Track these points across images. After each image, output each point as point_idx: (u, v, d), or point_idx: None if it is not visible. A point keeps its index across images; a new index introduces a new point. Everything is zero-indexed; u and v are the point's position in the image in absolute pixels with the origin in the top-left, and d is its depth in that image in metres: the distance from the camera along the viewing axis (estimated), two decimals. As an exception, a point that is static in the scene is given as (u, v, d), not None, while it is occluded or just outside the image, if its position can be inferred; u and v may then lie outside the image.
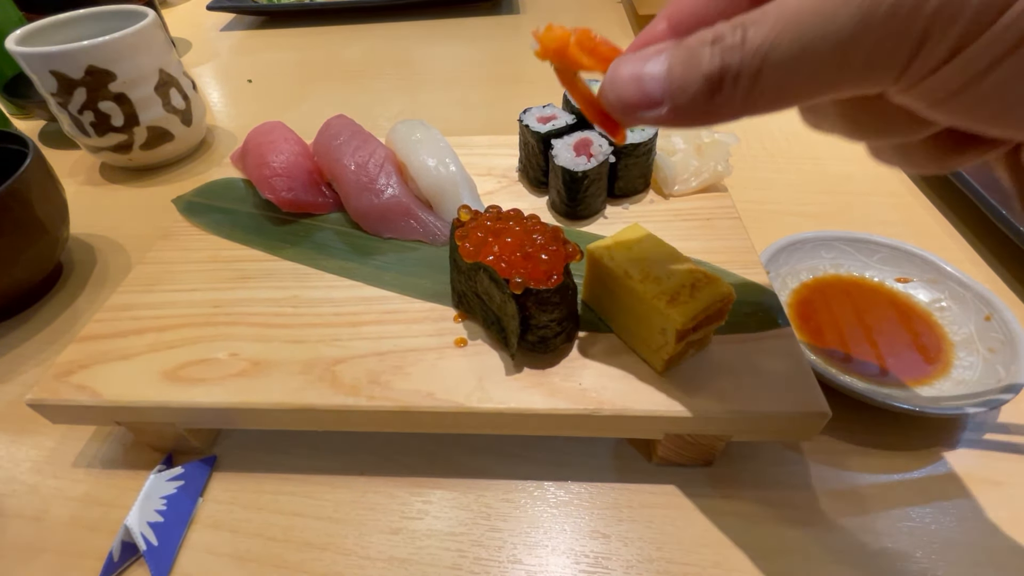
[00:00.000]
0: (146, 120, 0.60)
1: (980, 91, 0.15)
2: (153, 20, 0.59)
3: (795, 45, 0.16)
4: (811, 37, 0.16)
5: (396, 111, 0.77)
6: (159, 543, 0.32)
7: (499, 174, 0.50)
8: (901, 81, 0.16)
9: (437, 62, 0.89)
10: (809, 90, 0.17)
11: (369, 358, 0.34)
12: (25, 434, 0.40)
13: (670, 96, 0.19)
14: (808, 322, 0.41)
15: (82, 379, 0.34)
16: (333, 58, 0.93)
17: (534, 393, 0.32)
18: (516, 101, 0.75)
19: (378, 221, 0.43)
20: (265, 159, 0.46)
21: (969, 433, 0.37)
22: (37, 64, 0.54)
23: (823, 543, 0.32)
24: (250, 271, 0.41)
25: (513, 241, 0.33)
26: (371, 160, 0.45)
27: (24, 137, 0.48)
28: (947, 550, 0.32)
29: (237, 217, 0.46)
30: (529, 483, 0.36)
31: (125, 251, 0.56)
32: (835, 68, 0.16)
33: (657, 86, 0.19)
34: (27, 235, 0.45)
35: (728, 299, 0.30)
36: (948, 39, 0.14)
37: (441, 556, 0.32)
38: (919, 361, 0.39)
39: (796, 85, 0.17)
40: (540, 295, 0.31)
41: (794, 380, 0.31)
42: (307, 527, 0.34)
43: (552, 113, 0.47)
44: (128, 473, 0.37)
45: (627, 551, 0.32)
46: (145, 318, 0.38)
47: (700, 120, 0.19)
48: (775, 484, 0.35)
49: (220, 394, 0.33)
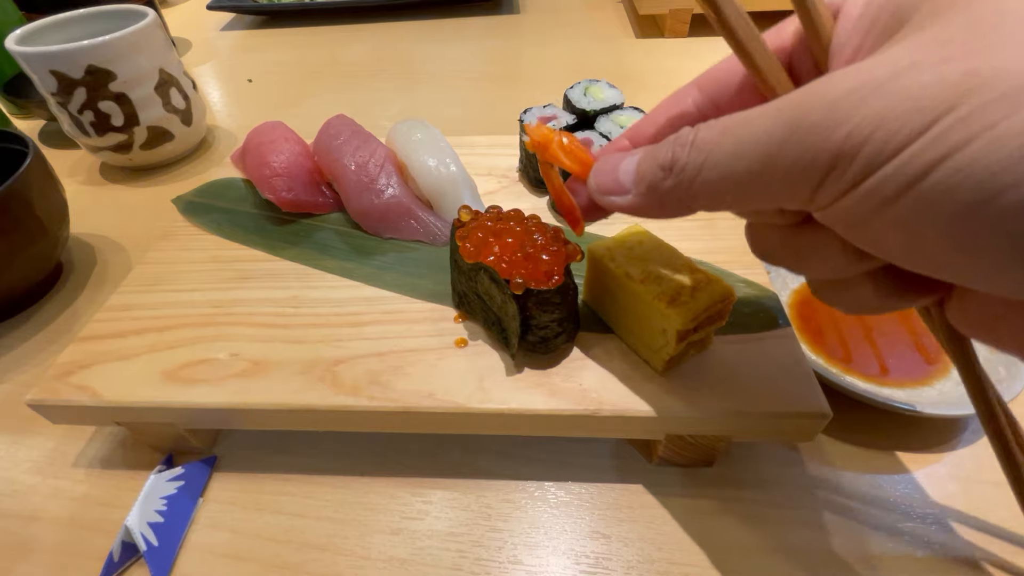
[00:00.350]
0: (146, 120, 0.60)
1: (882, 223, 0.16)
2: (153, 20, 0.59)
3: (732, 148, 0.18)
4: (746, 143, 0.18)
5: (396, 111, 0.77)
6: (159, 543, 0.32)
7: (500, 174, 0.50)
8: (815, 200, 0.17)
9: (437, 62, 0.89)
10: (742, 190, 0.19)
11: (369, 358, 0.34)
12: (25, 434, 0.40)
13: (634, 184, 0.23)
14: (809, 322, 0.41)
15: (82, 379, 0.34)
16: (333, 58, 0.93)
17: (534, 394, 0.32)
18: (516, 101, 0.75)
19: (378, 221, 0.43)
20: (265, 159, 0.46)
21: (969, 434, 0.37)
22: (37, 64, 0.54)
23: (824, 543, 0.32)
24: (250, 271, 0.41)
25: (514, 241, 0.33)
26: (371, 160, 0.45)
27: (24, 137, 0.48)
28: (947, 550, 0.32)
29: (237, 217, 0.46)
30: (530, 483, 0.36)
31: (125, 251, 0.56)
32: (762, 174, 0.18)
33: (627, 177, 0.23)
34: (27, 235, 0.45)
35: (729, 299, 0.30)
36: (852, 168, 0.16)
37: (441, 556, 0.32)
38: (920, 362, 0.39)
39: (730, 184, 0.19)
40: (541, 295, 0.31)
41: (795, 380, 0.31)
42: (307, 527, 0.34)
43: (552, 113, 0.47)
44: (128, 473, 0.37)
45: (628, 551, 0.32)
46: (145, 318, 0.38)
47: (655, 208, 0.22)
48: (776, 484, 0.35)
49: (220, 394, 0.33)
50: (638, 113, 0.45)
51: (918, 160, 0.14)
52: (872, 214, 0.16)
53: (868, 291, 0.20)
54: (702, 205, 0.21)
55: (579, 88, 0.48)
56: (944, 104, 0.14)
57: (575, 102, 0.46)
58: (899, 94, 0.15)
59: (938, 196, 0.14)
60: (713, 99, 0.25)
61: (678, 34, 0.89)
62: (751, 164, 0.18)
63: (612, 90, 0.48)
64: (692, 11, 0.86)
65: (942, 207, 0.14)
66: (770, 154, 0.17)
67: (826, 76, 0.17)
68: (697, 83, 0.26)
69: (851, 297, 0.21)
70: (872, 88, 0.15)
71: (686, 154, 0.20)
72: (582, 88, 0.48)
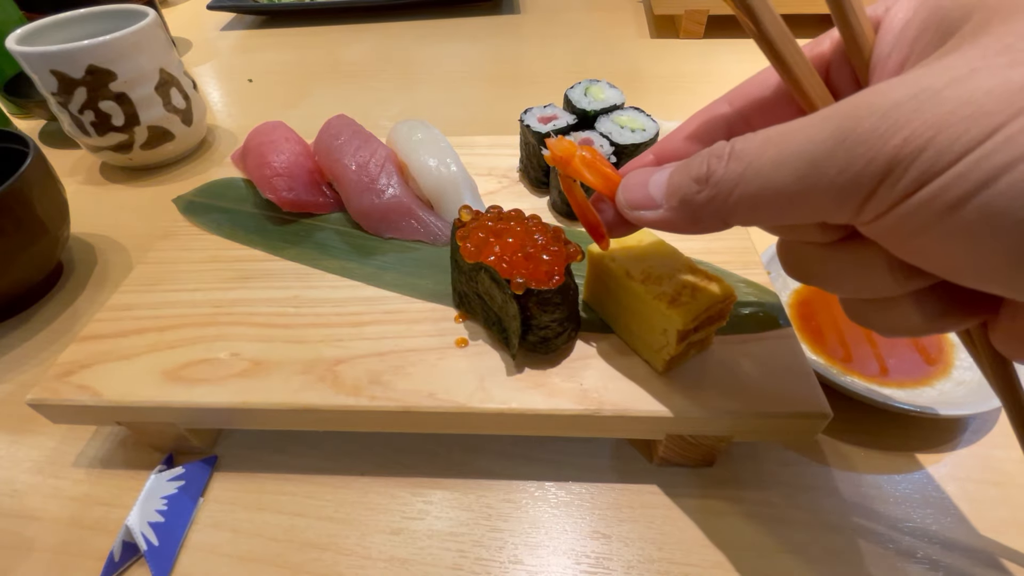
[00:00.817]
0: (147, 120, 0.60)
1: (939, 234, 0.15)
2: (154, 19, 0.59)
3: (774, 158, 0.18)
4: (790, 152, 0.17)
5: (396, 111, 0.77)
6: (160, 543, 0.32)
7: (500, 174, 0.50)
8: (864, 211, 0.16)
9: (437, 62, 0.89)
10: (782, 202, 0.18)
11: (370, 358, 0.34)
12: (25, 434, 0.40)
13: (666, 198, 0.22)
14: (809, 322, 0.41)
15: (83, 379, 0.34)
16: (333, 58, 0.93)
17: (535, 393, 0.32)
18: (517, 101, 0.75)
19: (379, 221, 0.43)
20: (266, 159, 0.46)
21: (969, 434, 0.37)
22: (37, 63, 0.54)
23: (824, 543, 0.32)
24: (251, 271, 0.41)
25: (514, 241, 0.33)
26: (372, 160, 0.45)
27: (24, 136, 0.48)
28: (947, 550, 0.32)
29: (238, 217, 0.46)
30: (530, 483, 0.36)
31: (125, 251, 0.56)
32: (807, 184, 0.17)
33: (659, 191, 0.22)
34: (27, 234, 0.45)
35: (729, 300, 0.30)
36: (909, 175, 0.15)
37: (442, 556, 0.33)
38: (919, 362, 0.39)
39: (771, 195, 0.18)
40: (541, 295, 0.31)
41: (795, 381, 0.31)
42: (308, 527, 0.34)
43: (553, 113, 0.47)
44: (129, 473, 0.37)
45: (628, 551, 0.32)
46: (146, 318, 0.38)
47: (688, 222, 0.22)
48: (776, 484, 0.35)
49: (221, 394, 0.33)
50: (638, 113, 0.45)
51: (984, 165, 0.14)
52: (929, 225, 0.15)
53: (912, 311, 0.19)
54: (738, 219, 0.20)
55: (579, 88, 0.48)
56: (1012, 107, 0.13)
57: (575, 102, 0.46)
58: (960, 99, 0.14)
59: (1006, 203, 0.14)
60: (744, 115, 0.25)
61: (693, 35, 0.89)
62: (795, 174, 0.17)
63: (612, 90, 0.48)
64: (708, 12, 0.86)
65: (1009, 215, 0.14)
66: (816, 163, 0.16)
67: (874, 86, 0.16)
68: (728, 99, 0.25)
69: (893, 318, 0.19)
70: (930, 95, 0.15)
71: (723, 165, 0.19)
72: (582, 88, 0.48)
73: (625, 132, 0.44)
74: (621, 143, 0.43)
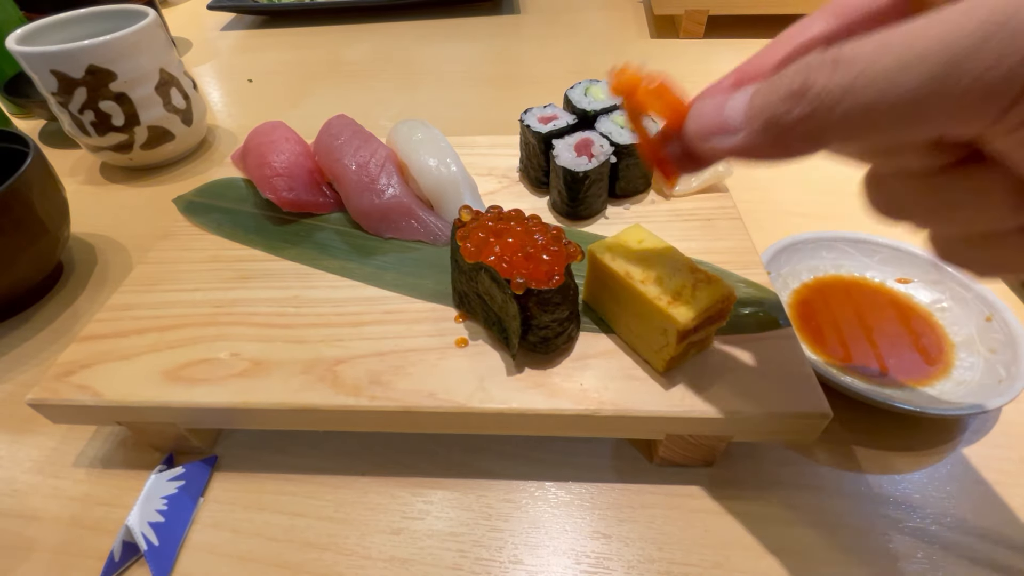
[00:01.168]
0: (147, 120, 0.60)
1: None
2: (154, 19, 0.59)
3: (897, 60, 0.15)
4: (917, 52, 0.14)
5: (396, 111, 0.77)
6: (160, 543, 0.32)
7: (500, 174, 0.50)
8: (1009, 115, 0.14)
9: (437, 62, 0.89)
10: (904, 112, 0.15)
11: (370, 358, 0.34)
12: (25, 434, 0.40)
13: (747, 121, 0.19)
14: (809, 322, 0.41)
15: (83, 379, 0.34)
16: (333, 58, 0.93)
17: (535, 393, 0.32)
18: (517, 101, 0.75)
19: (379, 221, 0.43)
20: (266, 159, 0.46)
21: (969, 434, 0.37)
22: (37, 63, 0.54)
23: (824, 543, 0.32)
24: (251, 271, 0.41)
25: (514, 241, 0.33)
26: (372, 160, 0.45)
27: (25, 136, 0.48)
28: (947, 550, 0.32)
29: (238, 217, 0.46)
30: (530, 483, 0.36)
31: (126, 251, 0.56)
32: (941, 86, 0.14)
33: (737, 114, 0.19)
34: (28, 234, 0.45)
35: (729, 299, 0.30)
36: None
37: (442, 556, 0.33)
38: (920, 362, 0.39)
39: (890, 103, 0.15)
40: (541, 295, 0.31)
41: (795, 380, 0.31)
42: (308, 527, 0.34)
43: (553, 113, 0.47)
44: (129, 473, 0.37)
45: (628, 551, 0.32)
46: (146, 318, 0.38)
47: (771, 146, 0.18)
48: (776, 484, 0.35)
49: (221, 394, 0.33)
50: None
51: None
52: None
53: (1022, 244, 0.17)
54: (838, 137, 0.17)
55: (579, 88, 0.48)
56: None
57: (575, 102, 0.46)
58: None
59: None
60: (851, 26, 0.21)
61: (693, 35, 0.89)
62: (926, 75, 0.14)
63: (612, 90, 0.47)
64: (708, 12, 0.86)
65: None
66: (956, 61, 0.14)
67: None
68: (831, 9, 0.22)
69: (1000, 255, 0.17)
70: None
71: (827, 75, 0.16)
72: (582, 88, 0.48)
73: (625, 132, 0.44)
74: (621, 143, 0.43)
